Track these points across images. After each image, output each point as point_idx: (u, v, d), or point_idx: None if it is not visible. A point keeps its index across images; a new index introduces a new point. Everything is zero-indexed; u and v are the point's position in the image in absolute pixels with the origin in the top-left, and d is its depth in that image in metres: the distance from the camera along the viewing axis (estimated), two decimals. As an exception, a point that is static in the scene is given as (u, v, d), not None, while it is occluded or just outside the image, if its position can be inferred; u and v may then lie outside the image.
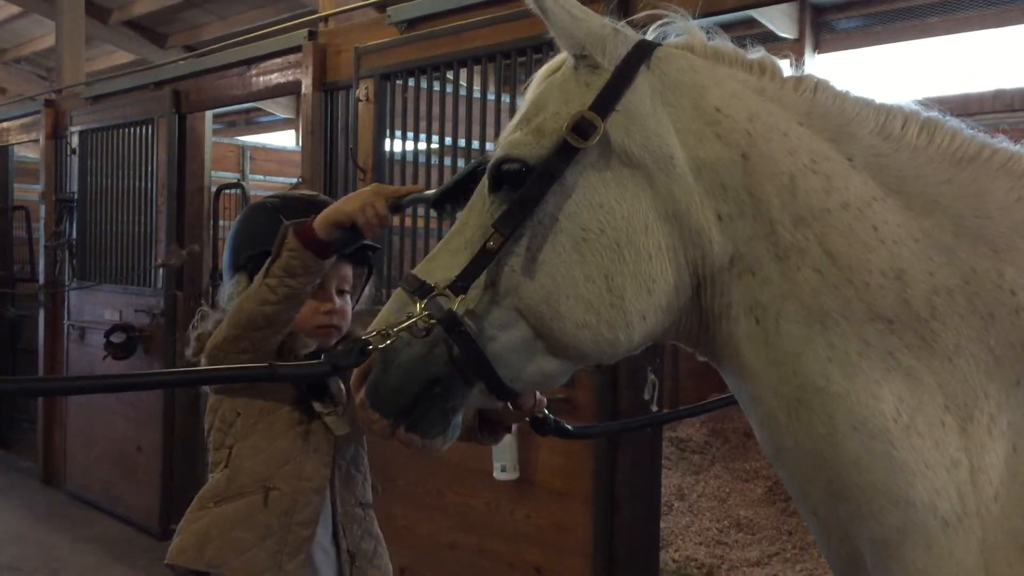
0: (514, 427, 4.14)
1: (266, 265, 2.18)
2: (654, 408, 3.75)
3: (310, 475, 2.36)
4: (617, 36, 1.48)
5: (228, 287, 2.47)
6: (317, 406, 2.37)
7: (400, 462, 2.64)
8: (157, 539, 6.40)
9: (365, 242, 2.35)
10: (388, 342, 1.48)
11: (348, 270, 2.47)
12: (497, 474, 4.00)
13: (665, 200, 1.42)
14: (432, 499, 4.36)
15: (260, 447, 2.36)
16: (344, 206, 2.05)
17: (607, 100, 1.44)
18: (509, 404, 1.79)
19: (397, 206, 2.00)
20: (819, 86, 1.45)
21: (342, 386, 2.37)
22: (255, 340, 2.24)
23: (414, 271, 1.54)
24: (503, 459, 3.97)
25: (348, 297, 2.50)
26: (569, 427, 2.00)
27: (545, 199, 1.43)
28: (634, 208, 1.42)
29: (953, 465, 1.28)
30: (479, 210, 1.51)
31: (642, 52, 1.47)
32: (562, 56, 1.54)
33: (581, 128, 1.42)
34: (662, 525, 4.91)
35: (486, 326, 1.46)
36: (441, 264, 1.50)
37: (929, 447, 1.29)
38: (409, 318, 1.46)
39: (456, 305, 1.45)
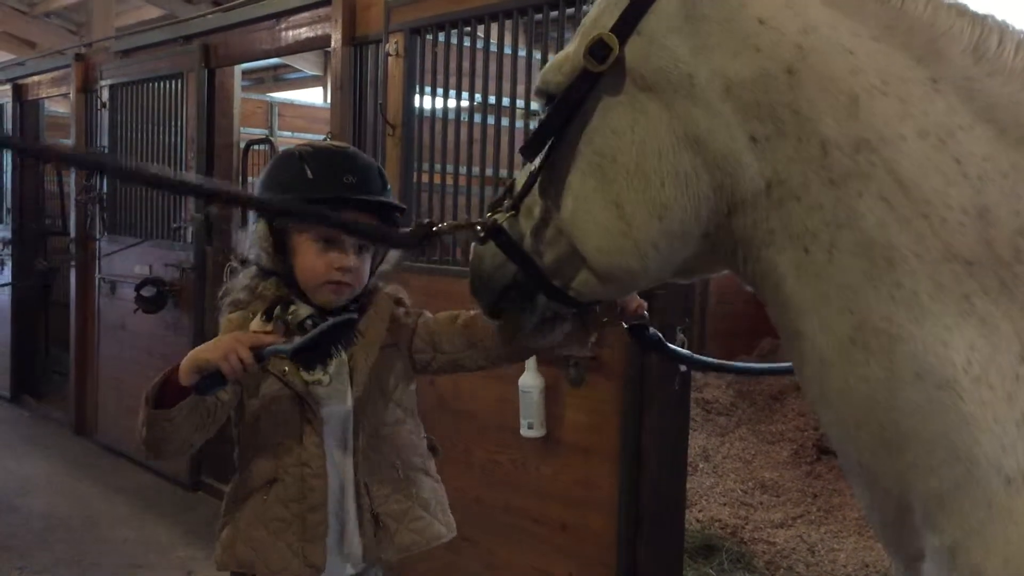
0: (539, 387, 4.10)
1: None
2: (682, 368, 3.74)
3: (308, 459, 2.30)
4: None
5: (250, 233, 2.42)
6: (305, 375, 2.28)
7: (427, 420, 2.63)
8: (188, 490, 6.52)
9: (387, 200, 2.32)
10: (442, 227, 1.84)
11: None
12: (524, 431, 4.01)
13: (685, 123, 1.34)
14: (459, 455, 4.39)
15: (262, 444, 2.32)
16: (206, 353, 1.99)
17: (627, 21, 1.38)
18: (598, 309, 1.91)
19: (260, 356, 2.00)
20: None
21: (342, 352, 2.22)
22: (203, 430, 2.19)
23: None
24: (530, 416, 3.98)
25: (367, 255, 2.37)
26: (670, 345, 2.15)
27: (571, 125, 1.45)
28: (648, 133, 1.37)
29: None
30: None
31: None
32: None
33: (596, 52, 1.38)
34: (687, 485, 4.91)
35: (538, 241, 1.57)
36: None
37: (1000, 400, 1.19)
38: (469, 224, 1.69)
39: (503, 218, 1.61)
